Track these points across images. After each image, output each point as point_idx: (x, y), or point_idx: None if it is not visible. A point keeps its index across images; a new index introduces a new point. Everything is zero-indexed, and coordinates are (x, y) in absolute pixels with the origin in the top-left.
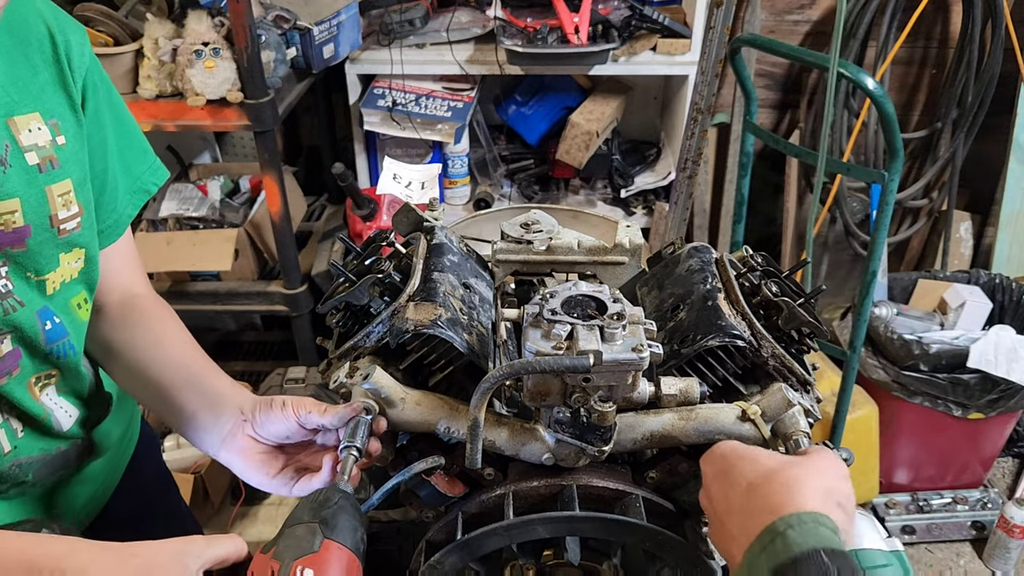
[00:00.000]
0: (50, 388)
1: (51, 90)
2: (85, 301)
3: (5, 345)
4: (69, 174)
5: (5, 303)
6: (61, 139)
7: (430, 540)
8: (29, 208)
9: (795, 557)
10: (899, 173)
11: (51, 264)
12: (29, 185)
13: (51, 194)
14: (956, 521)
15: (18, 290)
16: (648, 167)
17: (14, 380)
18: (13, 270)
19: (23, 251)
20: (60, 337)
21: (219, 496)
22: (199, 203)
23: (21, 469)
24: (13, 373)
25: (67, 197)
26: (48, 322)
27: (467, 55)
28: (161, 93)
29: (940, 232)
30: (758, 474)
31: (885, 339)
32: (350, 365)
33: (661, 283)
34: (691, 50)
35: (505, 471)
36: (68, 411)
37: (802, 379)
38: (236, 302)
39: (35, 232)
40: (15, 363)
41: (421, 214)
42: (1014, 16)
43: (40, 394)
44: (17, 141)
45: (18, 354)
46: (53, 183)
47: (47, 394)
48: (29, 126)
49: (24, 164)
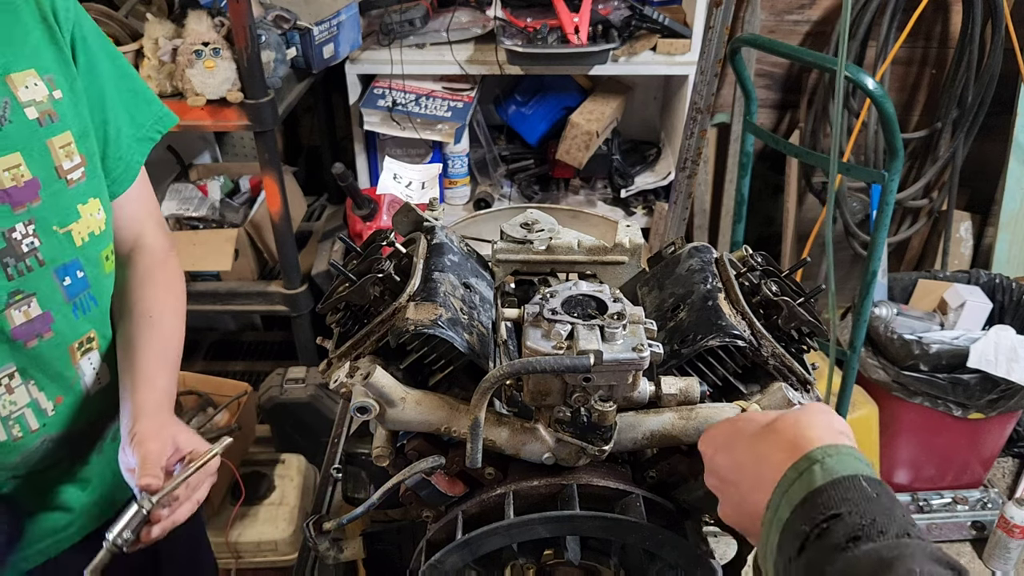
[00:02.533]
0: (93, 353)
1: (44, 47)
2: (112, 252)
3: (33, 308)
4: (68, 126)
5: (25, 262)
6: (58, 93)
7: (430, 540)
8: (32, 161)
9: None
10: (899, 173)
11: (71, 215)
12: (31, 139)
13: (53, 147)
14: (956, 521)
15: (45, 247)
16: (648, 167)
17: (47, 342)
18: (40, 226)
19: (40, 204)
20: (81, 290)
21: (219, 496)
22: (199, 203)
23: (55, 444)
24: (45, 335)
25: (68, 149)
26: (67, 277)
27: (467, 55)
28: (161, 93)
29: (940, 232)
30: (760, 426)
31: (885, 339)
32: (350, 365)
33: (661, 283)
34: (691, 50)
35: (505, 471)
36: (100, 377)
37: (802, 378)
38: (236, 302)
39: (45, 184)
40: (47, 326)
41: (421, 214)
42: (1014, 16)
43: (81, 359)
44: (16, 97)
45: (49, 317)
46: (54, 136)
47: (89, 358)
48: (26, 83)
49: (24, 119)
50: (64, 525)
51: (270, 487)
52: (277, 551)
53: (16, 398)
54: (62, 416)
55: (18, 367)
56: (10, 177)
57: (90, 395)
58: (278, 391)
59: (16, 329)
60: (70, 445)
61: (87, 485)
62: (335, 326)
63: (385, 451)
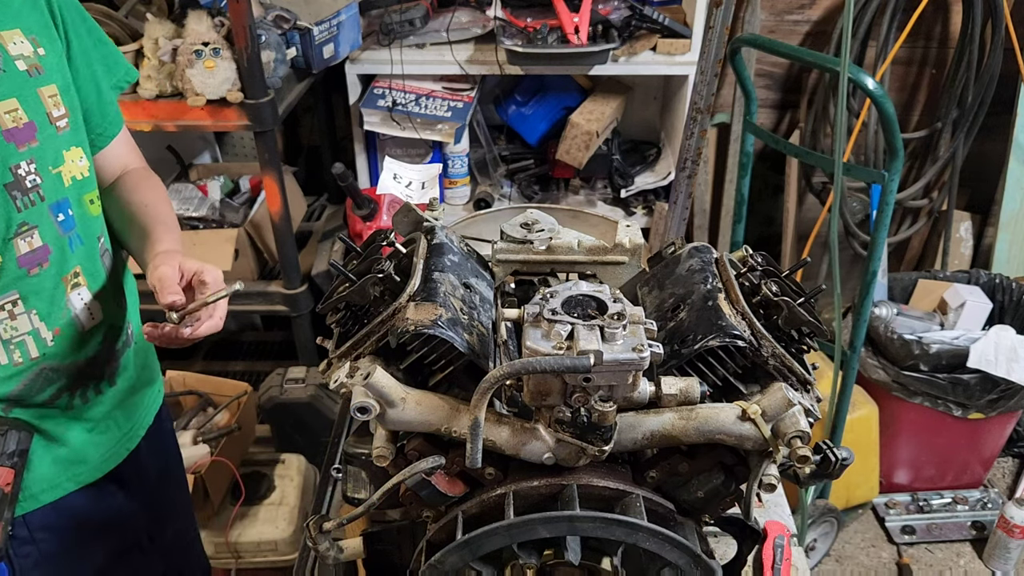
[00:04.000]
0: (81, 289)
1: (27, 10)
2: (97, 197)
3: (35, 239)
4: (54, 79)
5: (29, 196)
6: (41, 50)
7: (430, 540)
8: (27, 107)
9: None
10: (899, 173)
11: (60, 159)
12: (24, 87)
13: (42, 95)
14: (956, 521)
15: (45, 184)
16: (648, 167)
17: (45, 272)
18: (39, 165)
19: (38, 146)
20: (71, 227)
21: (219, 496)
22: (199, 203)
23: (55, 373)
24: (44, 265)
25: (55, 99)
26: (60, 214)
27: (467, 55)
28: (161, 93)
29: (940, 232)
30: None
31: (885, 339)
32: (350, 365)
33: (661, 283)
34: (691, 50)
35: (505, 471)
36: (93, 313)
37: (802, 379)
38: (236, 302)
39: (40, 128)
40: (46, 256)
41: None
42: (1014, 16)
43: (71, 292)
44: (7, 50)
45: (47, 249)
46: (42, 86)
47: (78, 293)
48: (13, 40)
49: (16, 69)
50: (70, 462)
51: (270, 487)
52: (277, 551)
53: (18, 324)
54: (60, 347)
55: (21, 294)
56: (11, 119)
57: (84, 330)
58: (278, 391)
59: (22, 257)
60: (69, 378)
61: (91, 426)
62: (335, 326)
63: (385, 451)
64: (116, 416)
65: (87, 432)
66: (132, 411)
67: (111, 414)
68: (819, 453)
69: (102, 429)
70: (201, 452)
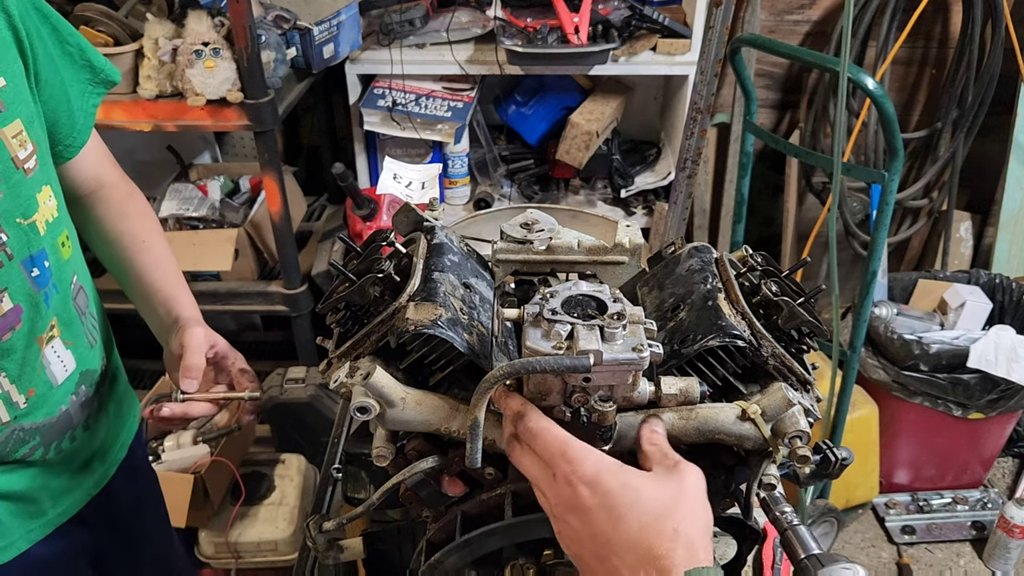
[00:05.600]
0: (55, 341)
1: None
2: (68, 239)
3: (4, 302)
4: (18, 114)
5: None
6: (2, 81)
7: (430, 540)
8: None
9: None
10: (899, 173)
11: (32, 206)
12: None
13: (5, 137)
14: (956, 521)
15: (12, 240)
16: (648, 167)
17: (18, 333)
18: (4, 220)
19: (3, 197)
20: (47, 282)
21: (219, 496)
22: (199, 203)
23: (27, 434)
24: (16, 327)
25: (21, 137)
26: (35, 269)
27: (467, 55)
28: (161, 93)
29: (940, 232)
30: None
31: (885, 339)
32: (350, 365)
33: (661, 283)
34: (691, 50)
35: (505, 471)
36: (66, 364)
37: (802, 378)
38: (236, 302)
39: (4, 177)
40: (17, 318)
41: (421, 214)
42: (1014, 16)
43: (45, 347)
44: None
45: (20, 309)
46: (5, 126)
47: (52, 347)
48: None
49: None
50: (35, 513)
51: (270, 487)
52: (277, 551)
53: None
54: (34, 407)
55: None
56: None
57: (58, 383)
58: (278, 391)
59: None
60: (42, 435)
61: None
62: (335, 326)
63: (385, 451)
64: (91, 461)
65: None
66: (107, 452)
67: (86, 461)
68: (819, 453)
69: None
70: (201, 452)
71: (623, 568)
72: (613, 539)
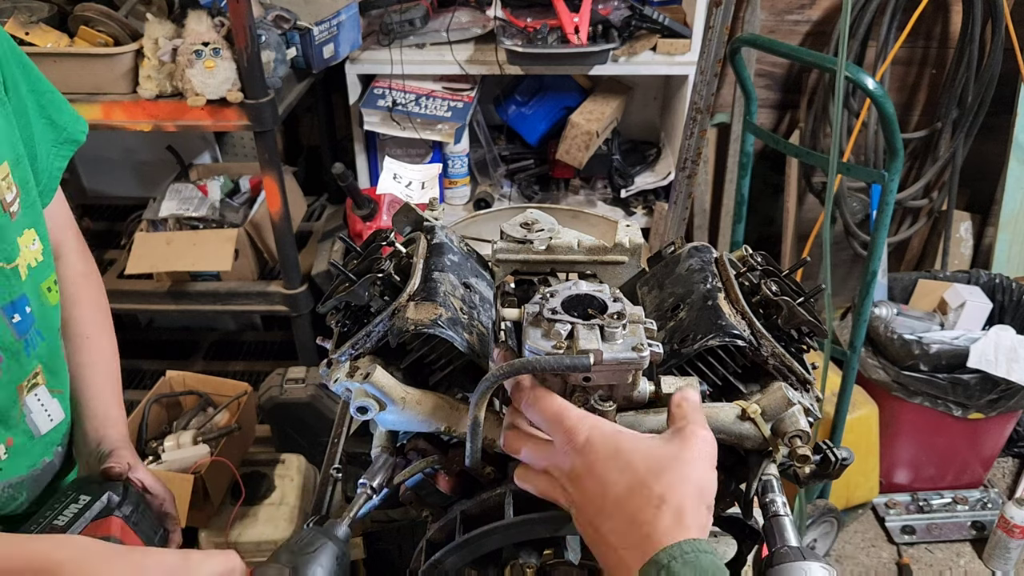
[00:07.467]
0: (39, 389)
1: None
2: (55, 284)
3: None
4: (4, 157)
5: None
6: None
7: (430, 540)
8: None
9: None
10: (899, 173)
11: (14, 250)
12: None
13: None
14: (956, 521)
15: None
16: (648, 167)
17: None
18: None
19: None
20: (28, 328)
21: (219, 496)
22: (199, 203)
23: (14, 490)
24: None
25: (8, 180)
26: (16, 315)
27: (467, 55)
28: (161, 93)
29: (940, 232)
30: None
31: (885, 339)
32: (350, 365)
33: (661, 282)
34: (691, 50)
35: (505, 471)
36: (51, 414)
37: (802, 378)
38: (236, 302)
39: None
40: None
41: (421, 214)
42: (1014, 16)
43: (27, 395)
44: None
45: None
46: None
47: (36, 394)
48: None
49: None
50: None
51: (270, 487)
52: None
53: None
54: (15, 459)
55: None
56: None
57: (40, 433)
58: (278, 391)
59: None
60: (27, 488)
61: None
62: (335, 326)
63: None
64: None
65: None
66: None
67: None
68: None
69: None
70: (201, 452)
71: (611, 535)
72: (603, 506)
